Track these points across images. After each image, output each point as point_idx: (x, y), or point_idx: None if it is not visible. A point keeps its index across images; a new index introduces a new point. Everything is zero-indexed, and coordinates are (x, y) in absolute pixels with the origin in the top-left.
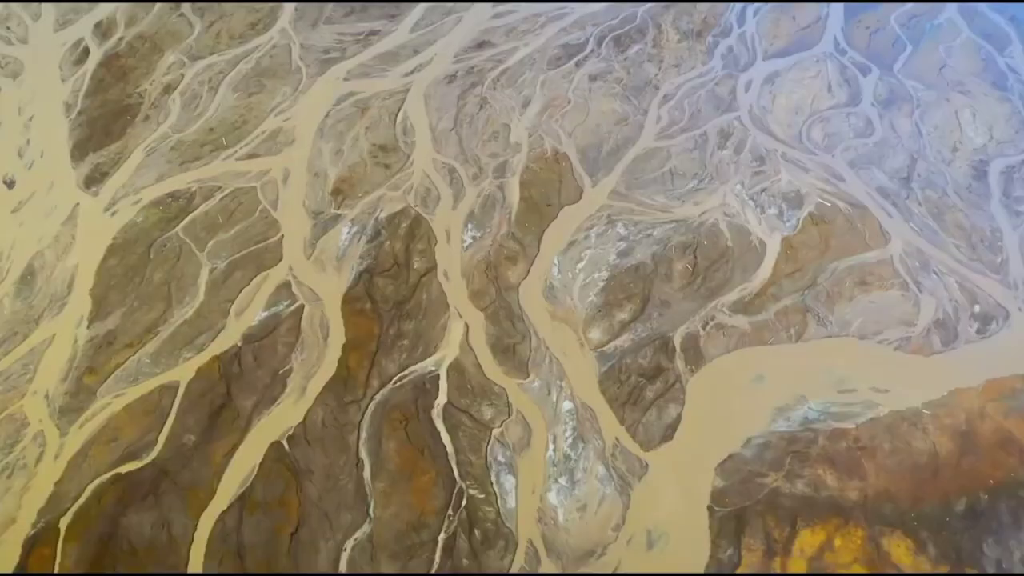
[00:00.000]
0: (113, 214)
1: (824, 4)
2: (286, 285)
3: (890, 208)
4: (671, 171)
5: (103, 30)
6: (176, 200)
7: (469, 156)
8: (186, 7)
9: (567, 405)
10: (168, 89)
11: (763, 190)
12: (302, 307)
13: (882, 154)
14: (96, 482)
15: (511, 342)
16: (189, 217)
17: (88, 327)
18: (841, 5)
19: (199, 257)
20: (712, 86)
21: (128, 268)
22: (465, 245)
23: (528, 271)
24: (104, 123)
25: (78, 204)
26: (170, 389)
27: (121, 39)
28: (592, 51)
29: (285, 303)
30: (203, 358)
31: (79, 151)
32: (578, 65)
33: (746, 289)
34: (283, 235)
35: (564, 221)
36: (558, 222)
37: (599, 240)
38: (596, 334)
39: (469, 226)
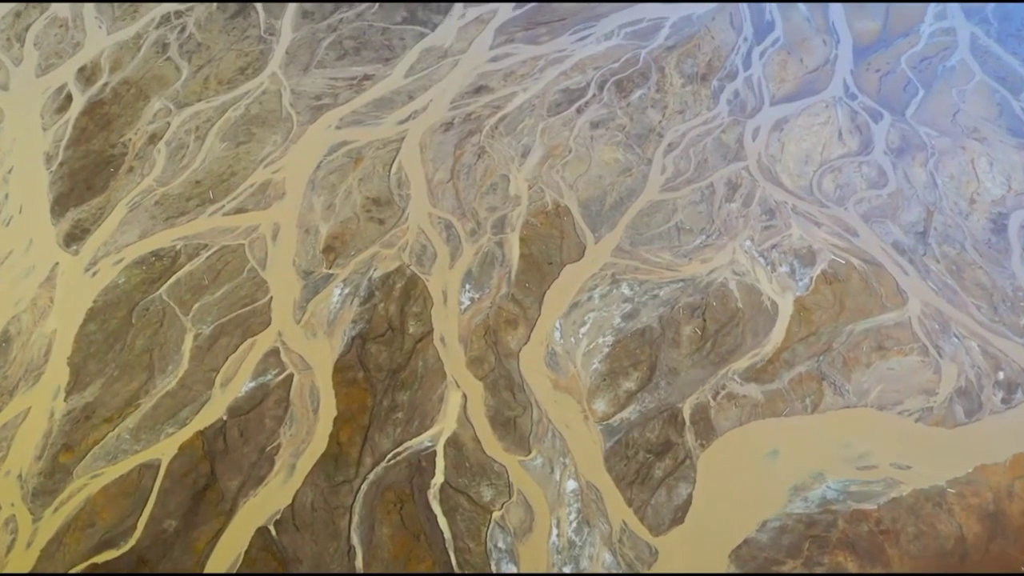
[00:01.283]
0: (94, 274)
1: (833, 46)
2: (274, 352)
3: (906, 265)
4: (677, 226)
5: (87, 75)
6: (160, 259)
7: (467, 210)
8: (173, 51)
9: (571, 485)
10: (153, 138)
11: (774, 246)
12: (291, 376)
13: (896, 206)
14: (71, 574)
15: (511, 415)
16: (173, 278)
17: (65, 399)
18: (850, 48)
19: (183, 321)
20: (718, 133)
21: (108, 334)
22: (463, 307)
23: (529, 336)
24: (86, 175)
25: (57, 264)
26: (151, 468)
27: (106, 85)
28: (593, 96)
29: (273, 372)
30: (186, 433)
31: (59, 206)
32: (579, 111)
33: (758, 355)
34: (272, 297)
35: (566, 280)
36: (560, 282)
37: (603, 301)
38: (601, 405)
39: (467, 286)
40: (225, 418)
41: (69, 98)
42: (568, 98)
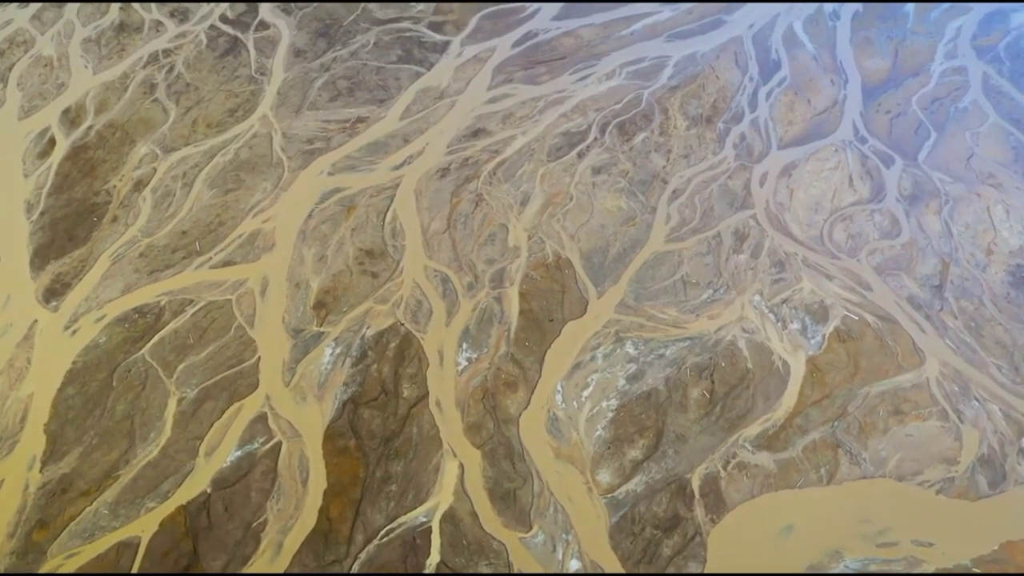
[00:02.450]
0: (74, 333)
1: (841, 86)
2: (262, 418)
3: (923, 322)
4: (683, 279)
5: (71, 117)
6: (143, 316)
7: (464, 262)
8: (161, 91)
9: (575, 564)
10: (139, 185)
11: (784, 301)
12: (279, 444)
13: (911, 258)
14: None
15: (511, 487)
16: (157, 336)
17: (41, 470)
18: (859, 88)
19: (166, 384)
20: (724, 179)
21: (88, 398)
22: (459, 368)
23: (529, 399)
24: (68, 225)
25: (36, 321)
26: (129, 547)
27: (90, 128)
28: (595, 139)
29: (260, 440)
30: (167, 508)
31: (39, 258)
32: (580, 156)
33: (769, 420)
34: (260, 357)
35: (568, 339)
36: (561, 340)
37: (607, 362)
38: (605, 476)
39: (464, 345)
40: (209, 491)
41: (52, 142)
42: (568, 142)
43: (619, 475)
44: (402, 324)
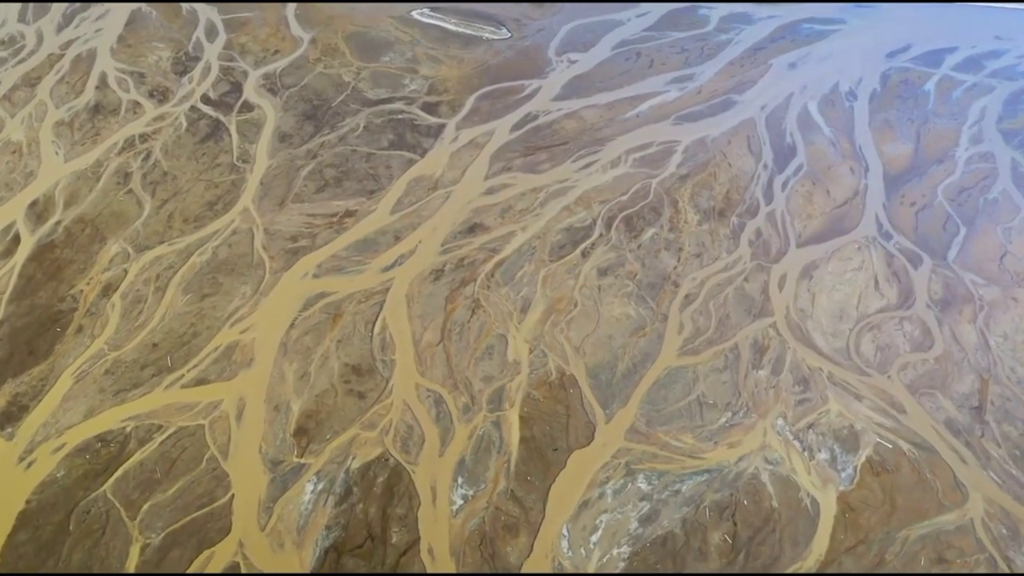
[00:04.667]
0: (29, 465)
1: (861, 175)
2: (234, 568)
3: (963, 450)
4: (699, 400)
5: (39, 211)
6: (106, 445)
7: (459, 380)
8: (136, 182)
9: None
10: (108, 290)
11: (810, 426)
12: None
13: (946, 373)
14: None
15: None
16: (121, 470)
17: None
18: (880, 176)
19: (129, 528)
20: (740, 282)
21: (41, 546)
22: (454, 508)
23: (532, 545)
24: (29, 337)
25: None
26: None
27: (58, 223)
28: (600, 236)
29: None
30: None
31: None
32: (584, 255)
33: (800, 569)
34: (233, 495)
35: (574, 471)
36: (567, 473)
37: (617, 500)
38: None
39: (459, 480)
40: None
41: (17, 239)
42: (572, 238)
43: None
44: (391, 454)
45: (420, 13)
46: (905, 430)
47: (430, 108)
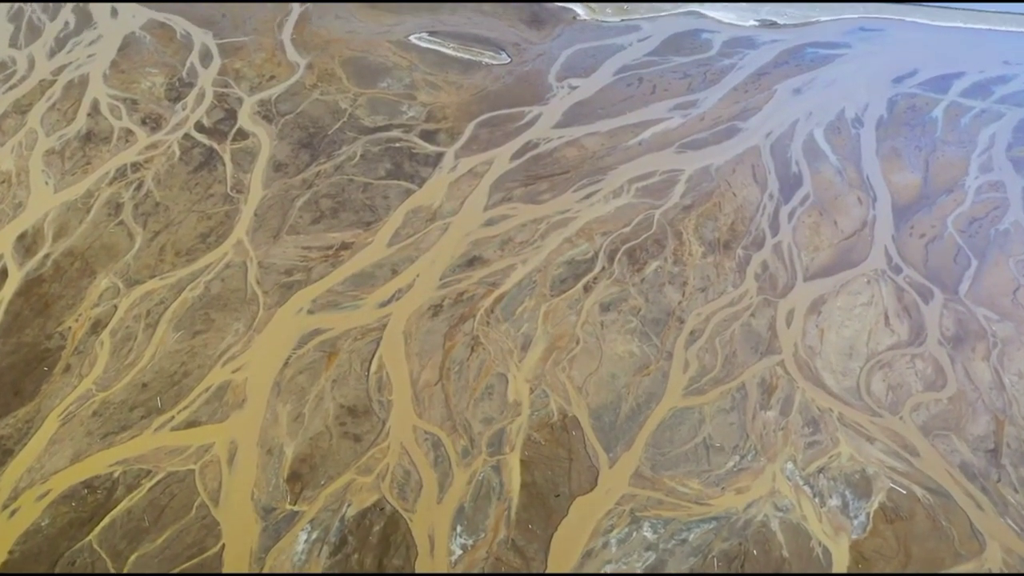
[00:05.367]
0: (13, 514)
1: (869, 205)
2: None
3: (979, 495)
4: (706, 443)
5: (27, 244)
6: (93, 492)
7: (458, 421)
8: (127, 213)
9: None
10: (97, 327)
11: (820, 470)
12: None
13: (960, 414)
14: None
15: None
16: (108, 518)
17: None
18: (888, 207)
19: None
20: (747, 317)
21: None
22: (453, 558)
23: None
24: (15, 377)
25: None
26: None
27: (47, 257)
28: (603, 269)
29: None
30: None
31: None
32: (587, 289)
33: None
34: (224, 545)
35: (577, 519)
36: (569, 520)
37: (621, 549)
38: None
39: (458, 529)
40: None
41: (4, 274)
42: (573, 272)
43: None
44: (388, 501)
45: (418, 38)
46: (919, 474)
47: (428, 136)
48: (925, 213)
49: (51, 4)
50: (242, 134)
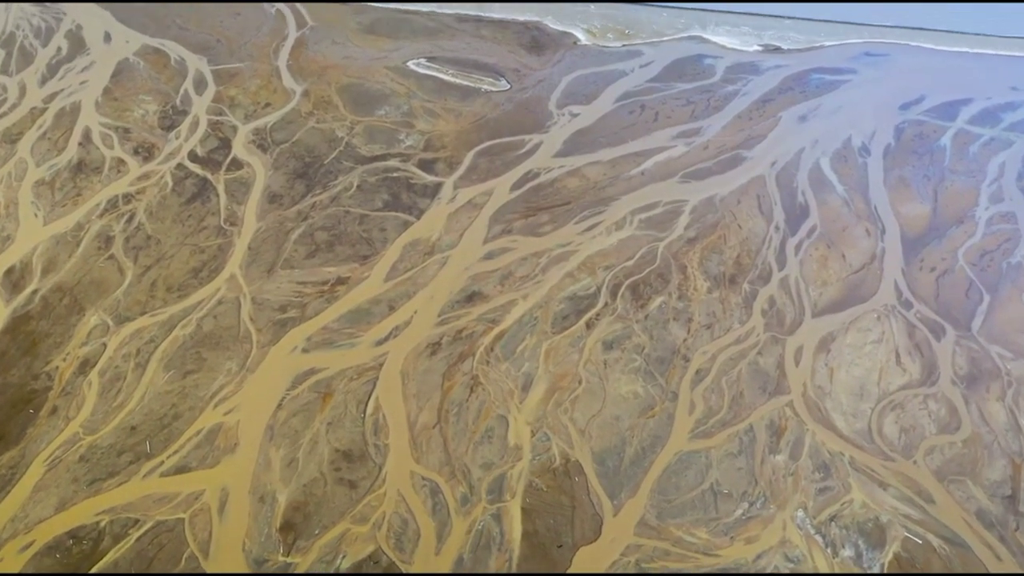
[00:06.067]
0: None
1: (878, 237)
2: None
3: (997, 545)
4: (713, 489)
5: (15, 280)
6: (78, 542)
7: (457, 467)
8: (118, 246)
9: None
10: (85, 367)
11: (832, 518)
12: None
13: (975, 458)
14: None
15: None
16: (94, 569)
17: None
18: (898, 239)
19: None
20: (754, 356)
21: None
22: None
23: None
24: (0, 420)
25: None
26: None
27: (35, 292)
28: (605, 305)
29: None
30: None
31: None
32: (589, 326)
33: None
34: None
35: (580, 570)
36: (573, 572)
37: None
38: None
39: None
40: None
41: None
42: (575, 308)
43: None
44: (384, 551)
45: (416, 63)
46: (934, 523)
47: (426, 165)
48: (935, 245)
49: (43, 31)
50: (236, 164)
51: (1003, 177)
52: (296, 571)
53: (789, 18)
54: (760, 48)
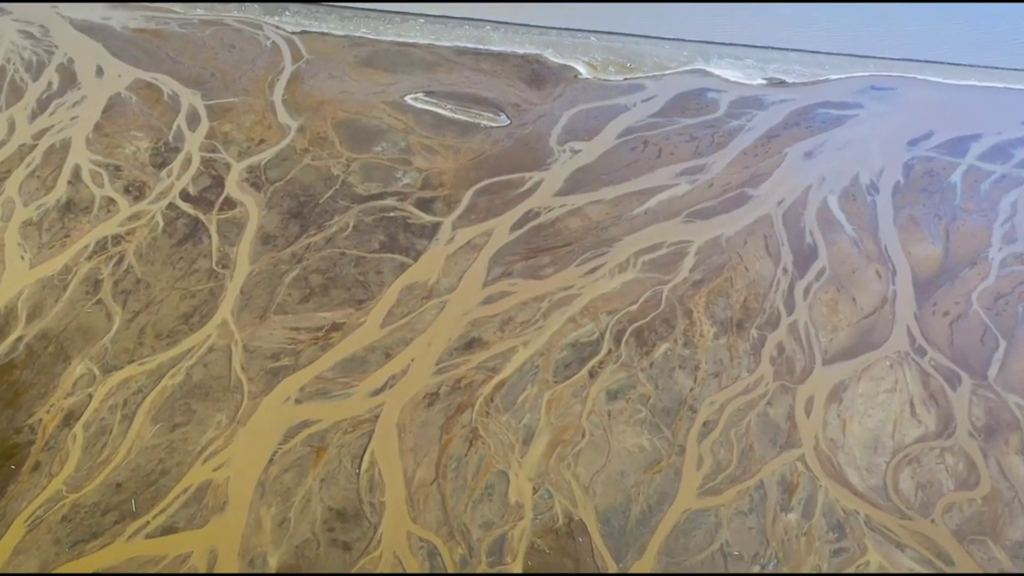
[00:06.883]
0: None
1: (889, 279)
2: None
3: None
4: (723, 550)
5: None
6: None
7: (455, 527)
8: (106, 290)
9: None
10: (69, 419)
11: None
12: None
13: (996, 516)
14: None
15: None
16: None
17: None
18: (909, 281)
19: None
20: (763, 406)
21: None
22: None
23: None
24: None
25: None
26: None
27: (19, 340)
28: (609, 352)
29: None
30: None
31: None
32: (592, 375)
33: None
34: None
35: None
36: None
37: None
38: None
39: None
40: None
41: None
42: (578, 355)
43: None
44: None
45: (414, 98)
46: None
47: (424, 205)
48: (948, 288)
49: (34, 65)
50: (229, 203)
51: (1016, 216)
52: None
53: (794, 50)
54: (764, 81)
